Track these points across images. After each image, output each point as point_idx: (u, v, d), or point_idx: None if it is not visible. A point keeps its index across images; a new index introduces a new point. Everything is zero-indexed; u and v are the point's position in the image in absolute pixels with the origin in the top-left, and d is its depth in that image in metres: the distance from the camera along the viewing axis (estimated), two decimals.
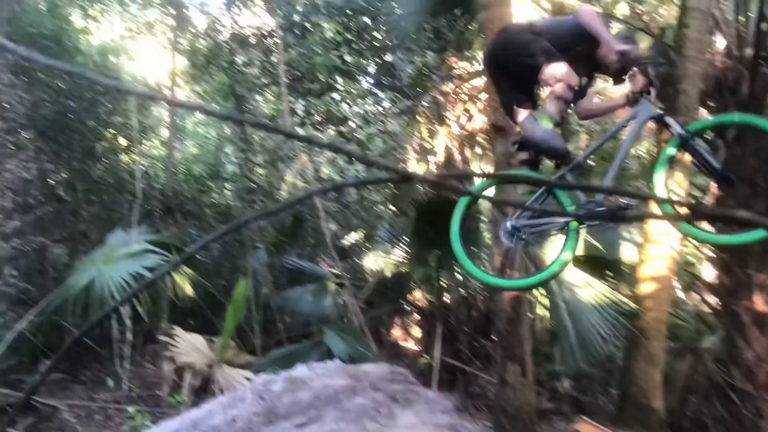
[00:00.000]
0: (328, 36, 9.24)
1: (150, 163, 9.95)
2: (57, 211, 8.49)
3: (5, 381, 6.10)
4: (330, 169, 9.55)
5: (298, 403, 3.77)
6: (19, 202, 7.23)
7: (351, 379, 4.08)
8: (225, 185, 9.84)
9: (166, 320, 7.40)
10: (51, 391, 6.32)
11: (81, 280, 6.47)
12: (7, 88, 7.44)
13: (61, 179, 8.71)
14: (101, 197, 9.13)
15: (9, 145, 7.48)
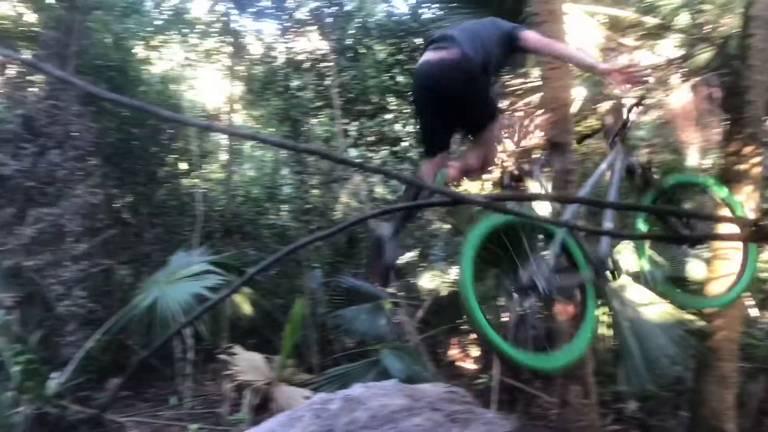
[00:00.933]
0: (380, 58, 9.35)
1: (210, 186, 10.23)
2: (122, 233, 8.81)
3: (75, 398, 6.31)
4: (383, 189, 9.59)
5: (355, 423, 3.75)
6: (87, 226, 7.54)
7: (408, 399, 4.04)
8: (281, 207, 9.99)
9: (226, 339, 7.56)
10: (117, 407, 6.50)
11: (145, 301, 6.66)
12: (76, 117, 7.82)
13: (125, 203, 9.04)
14: (164, 220, 9.43)
15: (78, 171, 7.83)
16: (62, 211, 7.09)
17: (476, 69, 3.29)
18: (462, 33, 3.44)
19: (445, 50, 3.32)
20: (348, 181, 9.06)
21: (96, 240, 7.54)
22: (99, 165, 8.54)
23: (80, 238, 7.22)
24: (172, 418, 6.60)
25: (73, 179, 7.62)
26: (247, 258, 8.47)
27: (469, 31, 3.49)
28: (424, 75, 3.39)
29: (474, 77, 3.31)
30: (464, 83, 3.30)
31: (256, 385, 6.21)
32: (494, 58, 3.42)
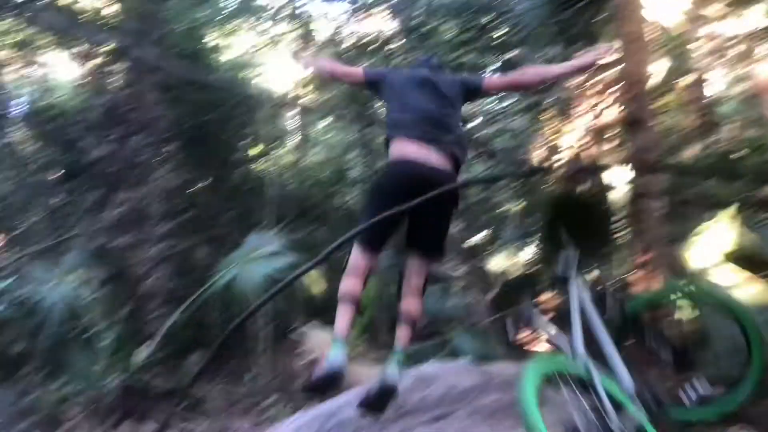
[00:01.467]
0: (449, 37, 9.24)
1: (281, 169, 10.43)
2: (199, 216, 9.11)
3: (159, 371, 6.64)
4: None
5: (427, 400, 3.78)
6: (167, 208, 7.86)
7: (481, 378, 4.04)
8: (350, 189, 10.09)
9: (301, 317, 7.75)
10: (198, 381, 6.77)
11: (222, 280, 6.91)
12: (154, 105, 8.13)
13: (202, 187, 9.33)
14: (238, 203, 9.69)
15: (157, 156, 8.16)
16: (144, 195, 7.40)
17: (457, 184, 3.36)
18: (439, 120, 3.27)
19: (433, 148, 3.20)
20: None
21: (175, 222, 7.83)
22: (177, 150, 8.85)
23: (161, 219, 7.52)
24: (249, 392, 6.83)
25: (153, 164, 7.94)
26: (318, 239, 8.62)
27: (439, 114, 3.30)
28: (412, 175, 3.18)
29: (458, 194, 3.40)
30: (451, 199, 3.32)
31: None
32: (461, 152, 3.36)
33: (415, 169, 3.17)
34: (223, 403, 6.63)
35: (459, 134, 3.40)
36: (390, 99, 3.44)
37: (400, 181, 3.20)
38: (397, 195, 3.14)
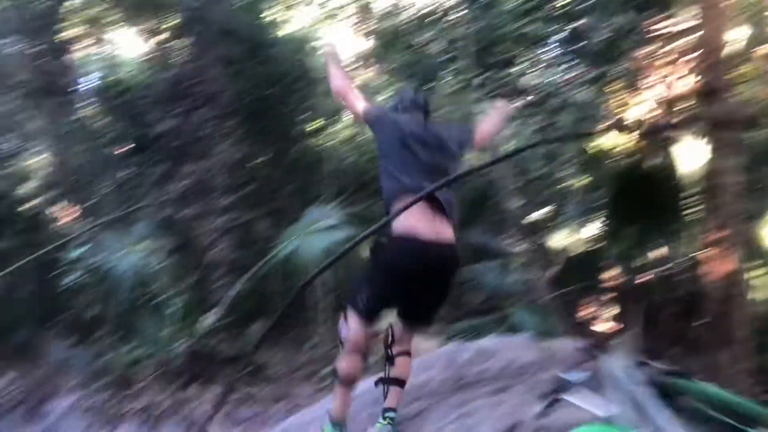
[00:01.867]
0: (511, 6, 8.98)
1: (339, 143, 10.47)
2: (260, 189, 9.27)
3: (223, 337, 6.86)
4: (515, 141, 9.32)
5: (486, 373, 3.76)
6: (230, 181, 8.02)
7: (542, 354, 3.98)
8: None
9: None
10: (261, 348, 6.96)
11: (283, 252, 7.04)
12: (216, 79, 8.26)
13: (263, 160, 9.47)
14: (298, 176, 9.80)
15: (220, 130, 8.32)
16: (208, 167, 7.57)
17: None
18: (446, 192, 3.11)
19: (443, 219, 3.08)
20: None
21: (238, 194, 7.98)
22: (238, 124, 8.99)
23: (224, 192, 7.69)
24: (309, 360, 6.98)
25: (216, 137, 8.10)
26: (376, 212, 8.64)
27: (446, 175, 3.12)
28: (427, 257, 3.01)
29: (459, 263, 3.25)
30: (455, 272, 3.21)
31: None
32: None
33: (429, 251, 3.00)
34: (284, 370, 6.80)
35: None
36: (390, 151, 3.18)
37: (415, 264, 3.01)
38: (412, 277, 3.02)
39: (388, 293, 3.10)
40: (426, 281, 3.03)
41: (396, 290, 3.08)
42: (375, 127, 3.29)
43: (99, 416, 5.84)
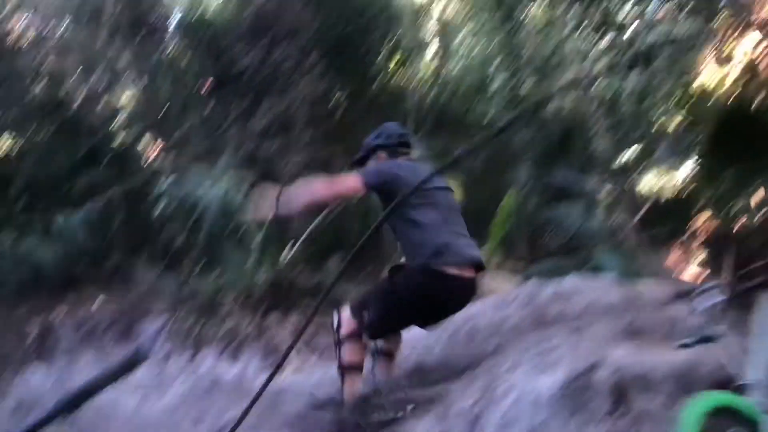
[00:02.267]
0: None
1: (421, 80, 10.26)
2: (339, 125, 9.26)
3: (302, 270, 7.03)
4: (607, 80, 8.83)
5: (567, 313, 3.68)
6: (309, 117, 8.03)
7: (626, 296, 3.86)
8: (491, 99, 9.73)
9: None
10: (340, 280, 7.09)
11: None
12: (298, 15, 8.18)
13: (343, 96, 9.41)
14: (377, 113, 9.71)
15: (302, 65, 8.29)
16: (289, 103, 7.59)
17: None
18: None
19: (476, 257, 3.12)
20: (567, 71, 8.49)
21: (318, 130, 8.00)
22: (320, 59, 8.93)
23: (305, 127, 7.71)
24: None
25: (298, 72, 8.08)
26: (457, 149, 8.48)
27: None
28: (452, 287, 2.95)
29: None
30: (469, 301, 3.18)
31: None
32: None
33: (453, 285, 2.96)
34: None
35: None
36: (416, 202, 3.03)
37: (437, 296, 2.99)
38: (428, 306, 3.03)
39: (395, 320, 3.09)
40: (440, 310, 3.08)
41: (406, 318, 3.09)
42: (389, 184, 3.08)
43: (184, 340, 6.13)
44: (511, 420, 2.45)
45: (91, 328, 6.44)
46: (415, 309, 3.03)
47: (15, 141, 8.67)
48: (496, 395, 2.61)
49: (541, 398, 2.47)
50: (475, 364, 3.13)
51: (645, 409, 2.36)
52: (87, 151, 8.30)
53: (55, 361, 6.03)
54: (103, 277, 7.80)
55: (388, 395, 2.98)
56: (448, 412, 2.65)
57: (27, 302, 6.80)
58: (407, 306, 3.02)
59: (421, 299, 2.98)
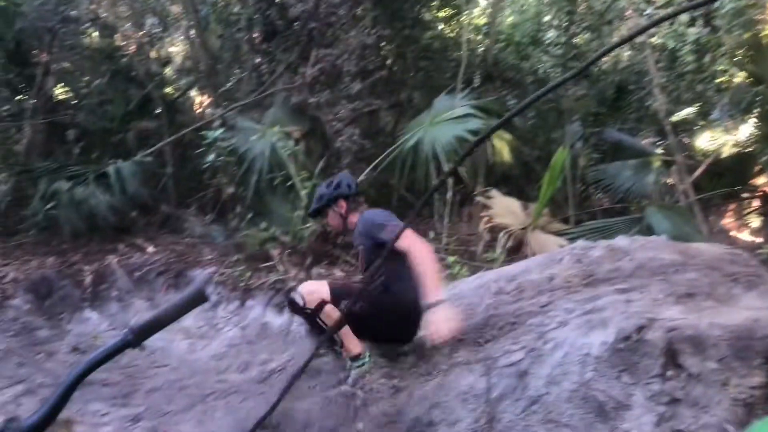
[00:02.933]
0: None
1: (473, 31, 10.01)
2: (388, 76, 9.14)
3: None
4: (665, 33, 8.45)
5: (619, 271, 3.59)
6: (358, 69, 7.93)
7: (681, 255, 3.74)
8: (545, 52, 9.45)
9: (482, 183, 7.70)
10: None
11: (409, 141, 6.97)
12: None
13: (392, 47, 9.26)
14: (427, 64, 9.55)
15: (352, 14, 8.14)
16: (339, 52, 7.51)
17: None
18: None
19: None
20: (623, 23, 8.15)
21: (367, 81, 7.91)
22: (369, 8, 8.77)
23: (353, 79, 7.63)
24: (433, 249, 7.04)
25: (348, 22, 7.96)
26: (508, 104, 8.32)
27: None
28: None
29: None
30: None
31: (511, 229, 6.30)
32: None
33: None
34: None
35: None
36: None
37: (410, 328, 3.29)
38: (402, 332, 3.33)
39: (371, 331, 3.31)
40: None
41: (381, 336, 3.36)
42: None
43: (232, 288, 6.27)
44: (559, 376, 2.44)
45: (143, 275, 6.63)
46: (393, 331, 3.35)
47: (70, 90, 8.86)
48: (544, 352, 2.60)
49: (590, 356, 2.45)
50: (522, 321, 3.11)
51: (697, 372, 2.32)
52: (139, 100, 8.43)
53: (108, 306, 6.28)
54: (155, 225, 8.00)
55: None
56: (495, 367, 2.66)
57: (82, 248, 7.04)
58: (385, 329, 3.32)
59: (402, 328, 3.30)
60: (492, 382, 2.61)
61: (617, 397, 2.30)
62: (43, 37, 7.87)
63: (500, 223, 6.40)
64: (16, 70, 7.95)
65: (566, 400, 2.37)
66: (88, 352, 5.17)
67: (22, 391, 4.01)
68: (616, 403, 2.29)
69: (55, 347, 5.20)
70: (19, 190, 7.27)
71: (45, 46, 7.93)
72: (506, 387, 2.56)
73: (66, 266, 6.51)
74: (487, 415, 2.51)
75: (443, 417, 2.62)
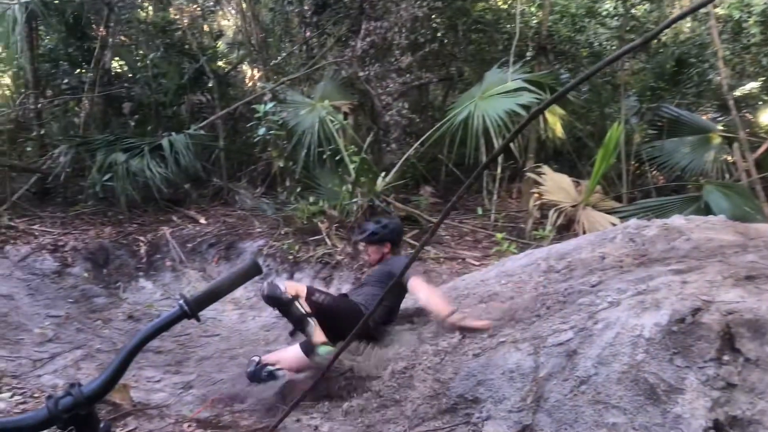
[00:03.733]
0: None
1: (526, 2, 9.74)
2: (438, 50, 9.01)
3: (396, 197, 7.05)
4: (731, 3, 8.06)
5: (674, 251, 3.49)
6: (408, 42, 7.84)
7: (740, 236, 3.61)
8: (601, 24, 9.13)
9: (533, 159, 7.56)
10: (429, 211, 7.11)
11: (459, 116, 6.88)
12: None
13: (443, 19, 9.10)
14: (478, 37, 9.37)
15: None
16: (390, 25, 7.42)
17: None
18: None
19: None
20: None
21: (417, 54, 7.82)
22: None
23: (404, 51, 7.55)
24: (478, 226, 7.00)
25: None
26: (561, 78, 8.10)
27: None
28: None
29: None
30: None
31: (562, 206, 6.19)
32: None
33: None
34: (454, 233, 6.89)
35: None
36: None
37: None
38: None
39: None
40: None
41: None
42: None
43: (281, 261, 6.36)
44: (609, 357, 2.40)
45: (195, 246, 6.79)
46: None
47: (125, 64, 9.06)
48: (594, 332, 2.55)
49: (642, 337, 2.40)
50: (572, 300, 3.06)
51: (754, 357, 2.24)
52: (192, 74, 8.55)
53: (162, 275, 6.47)
54: (207, 197, 8.16)
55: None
56: (543, 346, 2.63)
57: (137, 219, 7.24)
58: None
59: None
60: (540, 361, 2.58)
61: (669, 381, 2.24)
62: (101, 11, 8.05)
63: (551, 200, 6.29)
64: (75, 44, 8.17)
65: (616, 381, 2.33)
66: (142, 320, 5.36)
67: (81, 355, 4.19)
68: (668, 387, 2.23)
69: (111, 314, 5.39)
70: (78, 162, 7.49)
71: (103, 20, 8.11)
72: (554, 366, 2.53)
73: (122, 236, 6.72)
74: (533, 394, 2.49)
75: (489, 394, 2.61)
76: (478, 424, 2.56)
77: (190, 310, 1.08)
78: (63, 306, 5.27)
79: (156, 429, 2.80)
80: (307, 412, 3.05)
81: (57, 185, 7.48)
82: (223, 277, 1.14)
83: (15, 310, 4.80)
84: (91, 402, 1.00)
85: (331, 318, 3.57)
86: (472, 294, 4.07)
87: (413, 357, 3.13)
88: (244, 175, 8.61)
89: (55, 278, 5.71)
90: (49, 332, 4.54)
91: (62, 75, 8.25)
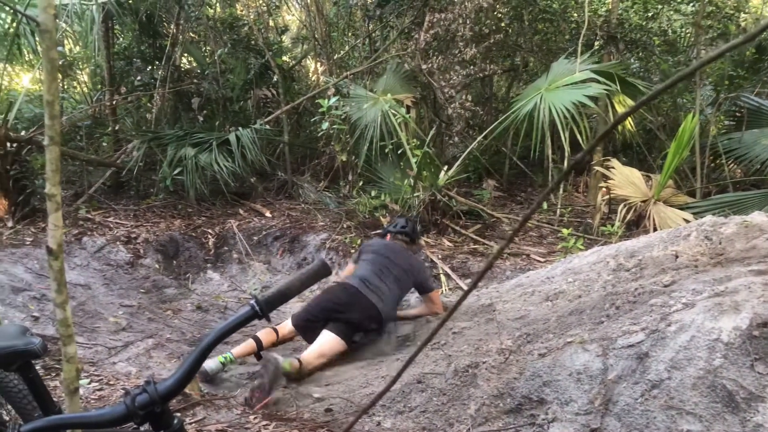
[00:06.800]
0: None
1: None
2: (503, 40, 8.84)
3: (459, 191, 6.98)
4: None
5: (755, 250, 3.31)
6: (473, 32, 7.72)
7: None
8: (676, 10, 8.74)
9: (601, 152, 7.34)
10: (492, 206, 7.02)
11: (524, 108, 6.73)
12: None
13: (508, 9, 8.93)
14: (544, 26, 9.15)
15: None
16: (454, 16, 7.34)
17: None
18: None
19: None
20: None
21: (481, 46, 7.70)
22: None
23: (468, 43, 7.45)
24: (543, 222, 6.86)
25: None
26: (632, 68, 7.82)
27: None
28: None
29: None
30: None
31: (631, 201, 5.98)
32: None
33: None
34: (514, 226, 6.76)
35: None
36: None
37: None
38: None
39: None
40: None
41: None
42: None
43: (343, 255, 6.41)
44: (684, 361, 2.30)
45: (261, 239, 6.93)
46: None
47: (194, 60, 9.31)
48: (667, 334, 2.44)
49: (720, 342, 2.28)
50: (643, 300, 2.94)
51: None
52: (258, 69, 8.71)
53: (229, 267, 6.63)
54: (272, 191, 8.31)
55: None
56: (612, 347, 2.54)
57: (206, 212, 7.44)
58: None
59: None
60: (609, 363, 2.50)
61: (750, 388, 2.13)
62: (172, 10, 8.29)
63: (619, 195, 6.08)
64: (148, 41, 8.45)
65: (691, 387, 2.22)
66: (210, 311, 5.51)
67: (152, 344, 4.34)
68: (748, 394, 2.12)
69: (180, 305, 5.57)
70: (150, 156, 7.76)
71: (173, 18, 8.35)
72: (624, 369, 2.44)
73: (191, 229, 6.92)
74: (602, 397, 2.41)
75: (555, 396, 2.54)
76: (543, 425, 2.50)
77: (261, 311, 1.11)
78: (135, 296, 5.47)
79: (223, 419, 2.87)
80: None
81: (130, 179, 7.78)
82: (293, 278, 1.17)
83: (92, 299, 5.01)
84: (165, 400, 1.04)
85: (324, 320, 4.06)
86: (537, 292, 3.98)
87: (476, 355, 3.09)
88: (308, 169, 8.72)
89: (128, 269, 5.93)
90: (123, 321, 4.72)
91: (135, 72, 8.56)
